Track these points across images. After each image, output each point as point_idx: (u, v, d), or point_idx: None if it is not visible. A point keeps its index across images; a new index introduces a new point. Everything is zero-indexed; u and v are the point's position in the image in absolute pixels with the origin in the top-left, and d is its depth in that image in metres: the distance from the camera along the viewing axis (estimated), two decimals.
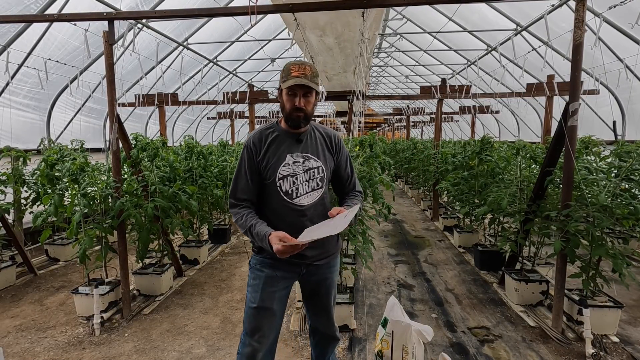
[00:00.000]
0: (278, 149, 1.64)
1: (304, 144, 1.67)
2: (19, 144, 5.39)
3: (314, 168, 1.65)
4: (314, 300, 1.84)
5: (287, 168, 1.62)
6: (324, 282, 1.79)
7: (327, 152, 1.70)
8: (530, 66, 6.92)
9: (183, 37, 6.62)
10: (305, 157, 1.65)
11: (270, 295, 1.68)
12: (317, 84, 1.59)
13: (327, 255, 1.75)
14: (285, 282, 1.72)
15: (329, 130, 1.76)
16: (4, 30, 4.50)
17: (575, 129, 2.72)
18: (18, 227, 4.50)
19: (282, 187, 1.62)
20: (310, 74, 1.56)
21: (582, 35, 2.63)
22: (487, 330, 2.99)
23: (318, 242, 1.59)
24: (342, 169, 1.75)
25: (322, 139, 1.72)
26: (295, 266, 1.70)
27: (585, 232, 2.68)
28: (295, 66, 1.56)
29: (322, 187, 1.66)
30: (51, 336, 2.99)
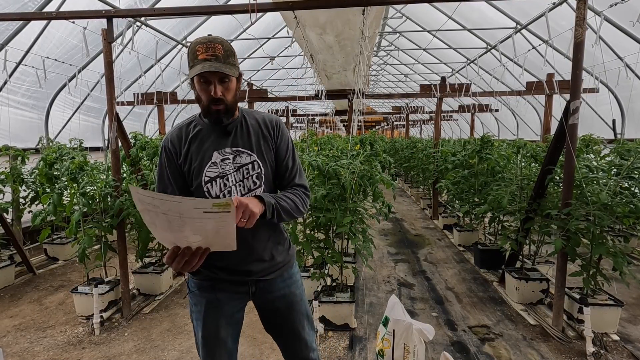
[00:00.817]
0: (202, 146, 1.34)
1: (234, 137, 1.36)
2: (17, 143, 5.36)
3: (247, 164, 1.34)
4: (277, 324, 1.51)
5: (215, 168, 1.32)
6: (283, 298, 1.46)
7: (264, 143, 1.38)
8: (530, 65, 6.92)
9: (182, 35, 6.59)
10: (236, 152, 1.34)
11: (216, 323, 1.40)
12: (233, 65, 1.26)
13: (277, 267, 1.44)
14: (233, 305, 1.43)
15: (265, 115, 1.45)
16: (1, 28, 4.47)
17: (576, 128, 2.71)
18: (17, 227, 4.48)
19: (212, 192, 1.33)
20: (223, 53, 1.22)
21: (583, 33, 2.62)
22: (487, 329, 2.99)
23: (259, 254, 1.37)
24: (280, 159, 1.40)
25: (256, 126, 1.39)
26: (241, 285, 1.41)
27: (585, 231, 2.68)
28: (202, 46, 1.21)
29: (261, 185, 1.35)
30: (50, 336, 2.98)
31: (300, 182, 1.43)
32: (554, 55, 5.96)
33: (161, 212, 0.99)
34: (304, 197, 1.40)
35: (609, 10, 4.47)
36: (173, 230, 1.03)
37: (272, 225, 1.41)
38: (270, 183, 1.41)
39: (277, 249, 1.44)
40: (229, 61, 1.25)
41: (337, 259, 2.99)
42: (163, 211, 0.99)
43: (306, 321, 1.53)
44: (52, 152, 3.47)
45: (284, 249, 1.48)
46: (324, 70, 5.86)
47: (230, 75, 1.24)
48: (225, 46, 1.25)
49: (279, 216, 1.27)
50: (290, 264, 1.51)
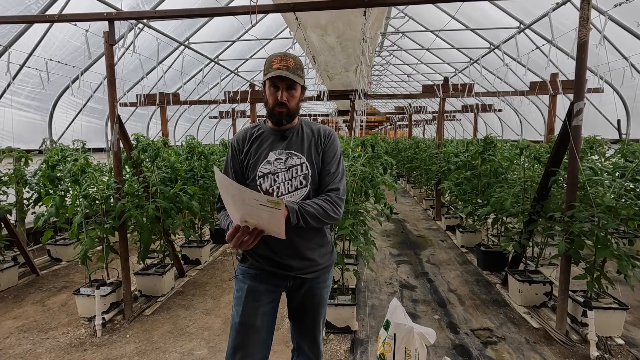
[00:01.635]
0: (261, 146, 1.53)
1: (289, 141, 1.53)
2: (21, 144, 5.40)
3: (297, 165, 1.49)
4: (300, 318, 1.67)
5: (268, 165, 1.50)
6: (312, 298, 1.61)
7: (314, 148, 1.53)
8: (533, 64, 6.87)
9: (184, 36, 6.60)
10: (289, 154, 1.51)
11: (254, 311, 1.53)
12: (300, 77, 1.47)
13: (317, 268, 1.57)
14: (270, 296, 1.57)
15: (320, 126, 1.61)
16: (5, 30, 4.49)
17: (579, 129, 2.69)
18: (20, 228, 4.51)
19: (263, 186, 1.49)
20: (294, 66, 1.45)
21: (587, 34, 2.59)
22: (490, 332, 2.97)
23: (302, 253, 1.51)
24: (325, 163, 1.53)
25: (310, 134, 1.56)
26: (281, 279, 1.56)
27: (589, 233, 2.65)
28: (278, 58, 1.45)
29: (307, 185, 1.49)
30: (53, 337, 2.99)
31: (335, 186, 1.51)
32: (558, 54, 5.92)
33: (230, 195, 1.23)
34: (335, 202, 1.47)
35: (614, 9, 4.43)
36: (238, 210, 1.24)
37: (317, 229, 1.54)
38: (316, 185, 1.52)
39: (319, 251, 1.57)
40: (297, 73, 1.46)
41: (339, 261, 2.98)
42: (233, 194, 1.22)
43: (321, 322, 1.70)
44: (54, 154, 3.48)
45: (326, 252, 1.61)
46: (325, 71, 5.84)
47: (296, 83, 1.46)
48: (297, 61, 1.47)
49: (305, 221, 1.37)
50: (328, 268, 1.63)
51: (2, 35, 4.53)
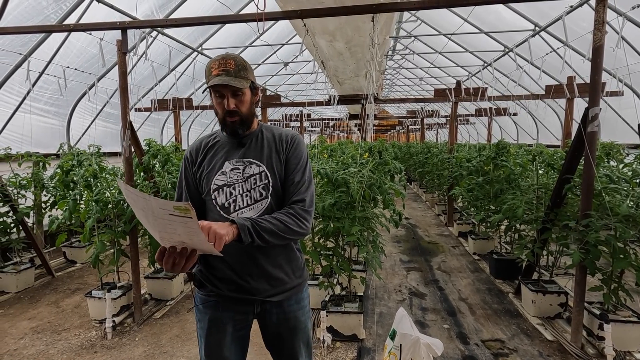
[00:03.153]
0: (215, 156, 1.39)
1: (247, 148, 1.38)
2: (40, 149, 5.58)
3: (255, 174, 1.34)
4: (277, 346, 1.48)
5: (223, 177, 1.35)
6: (286, 322, 1.42)
7: (275, 155, 1.37)
8: (549, 67, 6.71)
9: (198, 42, 6.72)
10: (247, 162, 1.36)
11: (219, 343, 1.38)
12: (245, 78, 1.31)
13: (286, 288, 1.40)
14: (237, 324, 1.40)
15: (283, 130, 1.45)
16: (25, 39, 4.66)
17: (595, 135, 2.60)
18: (38, 230, 4.64)
19: (217, 200, 1.34)
20: (235, 68, 1.29)
21: (603, 37, 2.51)
22: (501, 343, 2.89)
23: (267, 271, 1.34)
24: (287, 172, 1.36)
25: (271, 139, 1.41)
26: (246, 304, 1.38)
27: (606, 243, 2.55)
28: (216, 62, 1.29)
29: (267, 196, 1.33)
30: (65, 339, 3.05)
31: (300, 197, 1.32)
32: (575, 57, 5.77)
33: (140, 209, 1.01)
34: (300, 215, 1.29)
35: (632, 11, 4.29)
36: (153, 226, 1.03)
37: (284, 245, 1.37)
38: (280, 196, 1.36)
39: (287, 268, 1.40)
40: (240, 75, 1.30)
41: (345, 268, 2.96)
42: (142, 207, 1.00)
43: (305, 349, 1.50)
44: (69, 159, 3.58)
45: (296, 270, 1.44)
46: (335, 76, 5.85)
47: (240, 88, 1.29)
48: (238, 61, 1.31)
49: (261, 239, 1.20)
50: (300, 287, 1.46)
51: (22, 44, 4.70)
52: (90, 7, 4.60)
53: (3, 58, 4.69)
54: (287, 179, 1.36)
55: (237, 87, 1.27)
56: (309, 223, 1.32)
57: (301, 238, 1.32)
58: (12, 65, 4.88)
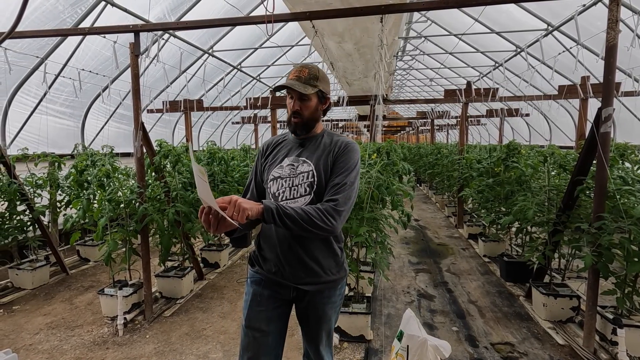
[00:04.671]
0: (279, 152, 1.58)
1: (305, 149, 1.54)
2: (56, 149, 5.72)
3: (304, 172, 1.48)
4: (304, 326, 1.65)
5: (279, 170, 1.52)
6: (315, 311, 1.56)
7: (325, 157, 1.49)
8: (562, 67, 6.60)
9: (208, 44, 6.80)
10: (301, 161, 1.51)
11: (259, 315, 1.54)
12: (312, 86, 1.46)
13: (319, 280, 1.52)
14: (275, 302, 1.56)
15: (342, 138, 1.56)
16: (42, 43, 4.79)
17: (608, 136, 2.55)
18: (53, 229, 4.76)
19: (271, 189, 1.51)
20: (306, 76, 1.46)
21: (616, 36, 2.47)
22: (511, 347, 2.85)
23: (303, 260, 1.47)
24: (333, 174, 1.47)
25: (327, 144, 1.53)
26: (283, 287, 1.54)
27: (619, 246, 2.50)
28: (295, 69, 1.50)
29: (311, 193, 1.45)
30: (78, 335, 3.13)
31: (334, 197, 1.39)
32: (589, 56, 5.66)
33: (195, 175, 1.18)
34: (328, 212, 1.35)
35: None
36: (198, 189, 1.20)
37: (325, 240, 1.50)
38: (323, 195, 1.45)
39: (323, 263, 1.51)
40: (309, 82, 1.47)
41: (353, 269, 2.96)
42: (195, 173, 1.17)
43: (326, 338, 1.65)
44: (83, 159, 3.66)
45: (332, 267, 1.54)
46: (344, 77, 5.85)
47: (303, 93, 1.45)
48: (312, 71, 1.49)
49: (283, 223, 1.30)
50: (335, 284, 1.56)
51: (39, 47, 4.84)
52: (104, 11, 4.71)
53: (21, 61, 4.83)
54: (330, 179, 1.46)
55: (300, 91, 1.44)
56: (337, 222, 1.36)
57: (326, 234, 1.38)
58: (29, 68, 5.02)
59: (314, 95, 1.48)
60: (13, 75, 4.74)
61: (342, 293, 1.64)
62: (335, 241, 1.55)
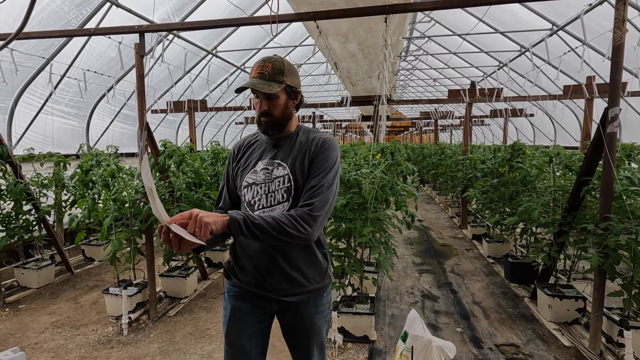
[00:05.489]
0: (252, 155, 1.45)
1: (279, 150, 1.40)
2: (61, 150, 5.76)
3: (280, 177, 1.35)
4: (292, 342, 1.51)
5: (253, 175, 1.39)
6: (302, 323, 1.44)
7: (302, 158, 1.36)
8: (567, 67, 6.56)
9: (212, 45, 6.83)
10: (276, 164, 1.38)
11: (239, 332, 1.43)
12: (278, 82, 1.31)
13: (303, 290, 1.40)
14: (257, 317, 1.44)
15: (319, 134, 1.42)
16: (48, 44, 4.83)
17: (614, 136, 2.53)
18: (58, 228, 4.79)
19: (246, 197, 1.39)
20: (271, 71, 1.31)
21: (623, 35, 2.45)
22: (516, 348, 2.83)
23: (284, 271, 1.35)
24: (309, 175, 1.34)
25: (303, 143, 1.40)
26: (264, 300, 1.41)
27: (626, 247, 2.48)
28: (257, 65, 1.34)
29: (288, 200, 1.33)
30: (83, 334, 3.14)
31: (309, 201, 1.27)
32: (595, 56, 5.63)
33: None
34: (302, 218, 1.23)
35: None
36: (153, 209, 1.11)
37: (307, 247, 1.38)
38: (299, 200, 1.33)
39: (307, 271, 1.40)
40: (274, 78, 1.32)
41: (356, 269, 2.95)
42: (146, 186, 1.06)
43: (318, 351, 1.51)
44: (88, 159, 3.68)
45: (316, 274, 1.43)
46: (348, 77, 5.85)
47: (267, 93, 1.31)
48: (276, 65, 1.33)
49: (252, 234, 1.18)
50: (320, 292, 1.45)
51: (45, 48, 4.87)
52: (109, 12, 4.74)
53: (27, 62, 4.87)
54: (306, 182, 1.33)
55: (264, 91, 1.29)
56: (312, 229, 1.24)
57: (302, 243, 1.26)
58: (35, 69, 5.06)
59: (281, 92, 1.33)
60: (19, 75, 4.78)
61: (330, 301, 1.53)
62: (317, 247, 1.42)
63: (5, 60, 4.31)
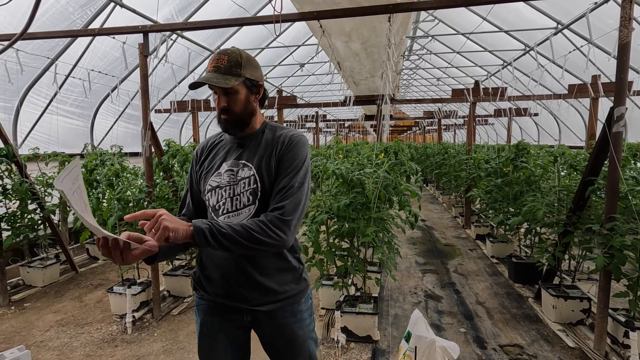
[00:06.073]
0: (216, 156, 1.34)
1: (244, 150, 1.30)
2: (66, 149, 5.80)
3: (245, 178, 1.25)
4: (274, 357, 1.39)
5: (217, 178, 1.29)
6: (282, 334, 1.32)
7: (268, 158, 1.26)
8: (572, 66, 6.51)
9: (216, 45, 6.84)
10: (241, 164, 1.28)
11: (211, 347, 1.33)
12: (235, 76, 1.20)
13: (277, 298, 1.29)
14: (229, 330, 1.33)
15: (284, 131, 1.32)
16: (52, 44, 4.86)
17: (620, 135, 2.51)
18: (63, 227, 4.82)
19: (210, 202, 1.28)
20: (227, 64, 1.20)
21: (630, 34, 2.43)
22: (520, 349, 2.82)
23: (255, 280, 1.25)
24: (277, 176, 1.24)
25: (269, 141, 1.29)
26: (235, 312, 1.30)
27: (632, 247, 2.46)
28: (212, 58, 1.23)
29: (255, 202, 1.24)
30: (87, 332, 3.16)
31: (279, 204, 1.17)
32: (600, 55, 5.58)
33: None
34: (273, 224, 1.14)
35: None
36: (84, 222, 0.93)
37: (278, 253, 1.28)
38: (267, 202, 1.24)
39: (279, 278, 1.30)
40: (231, 72, 1.21)
41: (360, 269, 2.95)
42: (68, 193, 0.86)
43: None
44: (93, 159, 3.70)
45: (290, 280, 1.32)
46: (351, 76, 5.84)
47: (222, 87, 1.20)
48: (232, 57, 1.22)
49: (219, 244, 1.09)
50: (296, 298, 1.34)
51: (50, 48, 4.90)
52: (113, 12, 4.76)
53: (32, 62, 4.90)
54: (275, 183, 1.23)
55: (219, 85, 1.18)
56: (286, 234, 1.16)
57: (275, 249, 1.20)
58: (40, 69, 5.10)
59: (240, 85, 1.22)
60: (25, 76, 4.82)
61: (310, 307, 1.40)
62: (290, 252, 1.32)
63: (10, 61, 4.34)
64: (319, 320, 3.24)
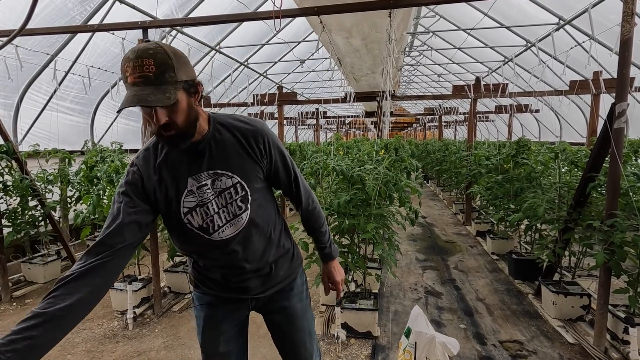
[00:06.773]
0: (175, 174, 1.15)
1: (209, 157, 1.15)
2: (66, 146, 5.79)
3: (229, 187, 1.16)
4: (278, 338, 1.46)
5: (193, 197, 1.15)
6: (282, 312, 1.40)
7: (247, 158, 1.18)
8: (573, 62, 6.48)
9: (216, 41, 6.81)
10: (214, 175, 1.15)
11: (215, 339, 1.36)
12: (172, 83, 0.98)
13: (277, 282, 1.36)
14: (232, 321, 1.38)
15: (243, 126, 1.19)
16: (52, 40, 4.84)
17: (622, 132, 2.50)
18: (63, 224, 4.83)
19: (194, 223, 1.17)
20: (156, 71, 0.95)
21: (632, 29, 2.41)
22: (520, 345, 2.83)
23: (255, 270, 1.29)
24: (280, 174, 1.27)
25: (234, 141, 1.17)
26: (239, 303, 1.36)
27: (632, 244, 2.46)
28: (130, 64, 0.95)
29: (247, 208, 1.19)
30: (89, 328, 3.18)
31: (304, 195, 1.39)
32: (602, 51, 5.55)
33: None
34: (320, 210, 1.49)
35: None
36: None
37: (266, 238, 1.27)
38: (261, 203, 1.23)
39: (277, 263, 1.34)
40: (165, 79, 0.97)
41: (360, 265, 2.95)
42: None
43: (308, 339, 1.46)
44: (93, 155, 3.70)
45: (285, 261, 1.38)
46: (352, 73, 5.82)
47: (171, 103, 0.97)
48: (159, 59, 0.96)
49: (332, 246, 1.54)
50: (292, 276, 1.42)
51: (49, 44, 4.89)
52: (113, 8, 4.74)
53: (32, 58, 4.89)
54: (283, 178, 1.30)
55: (160, 104, 0.95)
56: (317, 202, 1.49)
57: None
58: (40, 65, 5.08)
59: (179, 93, 1.00)
60: (24, 72, 4.80)
61: (305, 282, 1.50)
62: (285, 233, 1.39)
63: (10, 57, 4.33)
64: (320, 316, 3.25)
